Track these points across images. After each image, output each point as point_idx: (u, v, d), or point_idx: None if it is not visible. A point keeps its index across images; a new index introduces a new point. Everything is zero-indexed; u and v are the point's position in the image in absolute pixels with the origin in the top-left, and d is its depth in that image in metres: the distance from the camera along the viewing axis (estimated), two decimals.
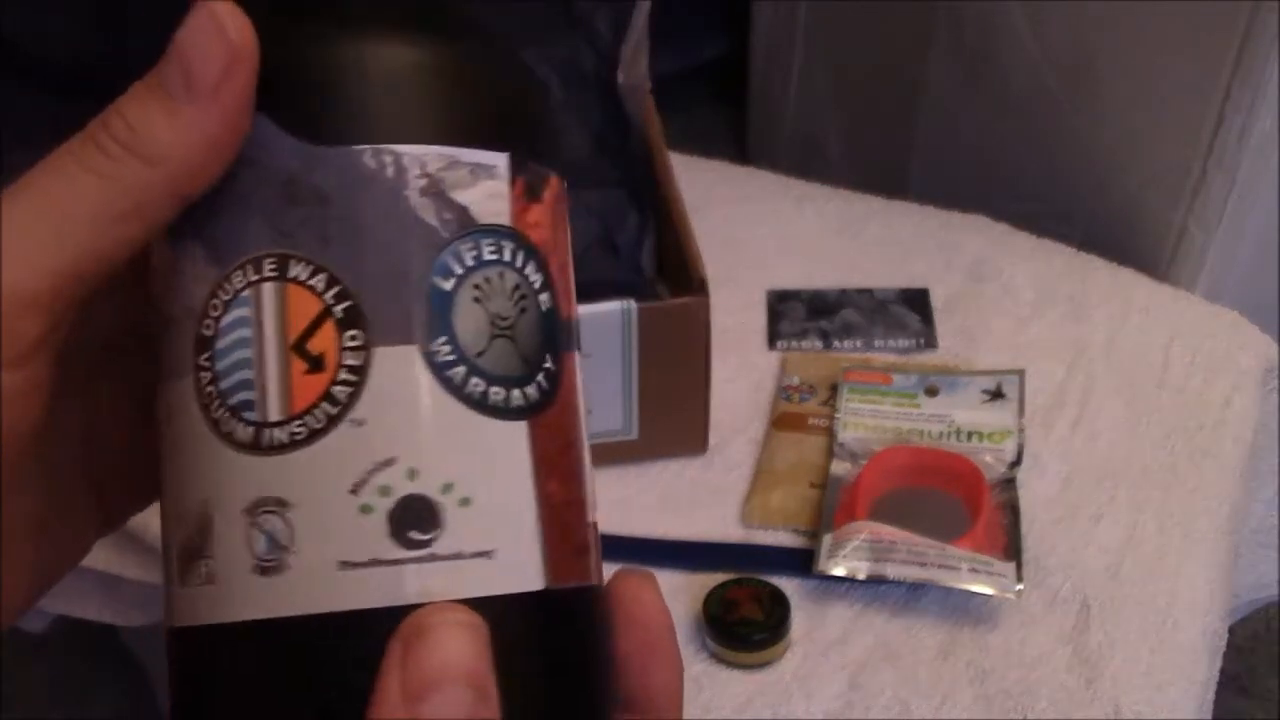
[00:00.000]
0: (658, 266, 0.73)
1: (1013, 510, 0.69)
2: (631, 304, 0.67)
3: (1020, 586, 0.64)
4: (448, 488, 0.24)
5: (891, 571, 0.64)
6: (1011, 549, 0.66)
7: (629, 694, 0.27)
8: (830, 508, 0.70)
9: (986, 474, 0.70)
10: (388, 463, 0.23)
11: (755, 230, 0.93)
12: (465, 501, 0.24)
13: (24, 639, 1.07)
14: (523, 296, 0.25)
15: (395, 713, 0.22)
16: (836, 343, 0.83)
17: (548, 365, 0.25)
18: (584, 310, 0.66)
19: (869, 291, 0.87)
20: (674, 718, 0.28)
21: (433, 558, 0.23)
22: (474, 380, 0.24)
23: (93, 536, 0.30)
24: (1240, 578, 0.81)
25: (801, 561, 0.68)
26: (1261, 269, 1.11)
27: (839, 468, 0.73)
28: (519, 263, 0.25)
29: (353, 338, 0.24)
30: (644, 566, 0.74)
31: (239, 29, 0.24)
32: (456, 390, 0.24)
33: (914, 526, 0.66)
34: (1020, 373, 0.78)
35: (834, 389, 0.79)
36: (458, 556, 0.24)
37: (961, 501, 0.69)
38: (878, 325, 0.84)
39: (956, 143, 1.28)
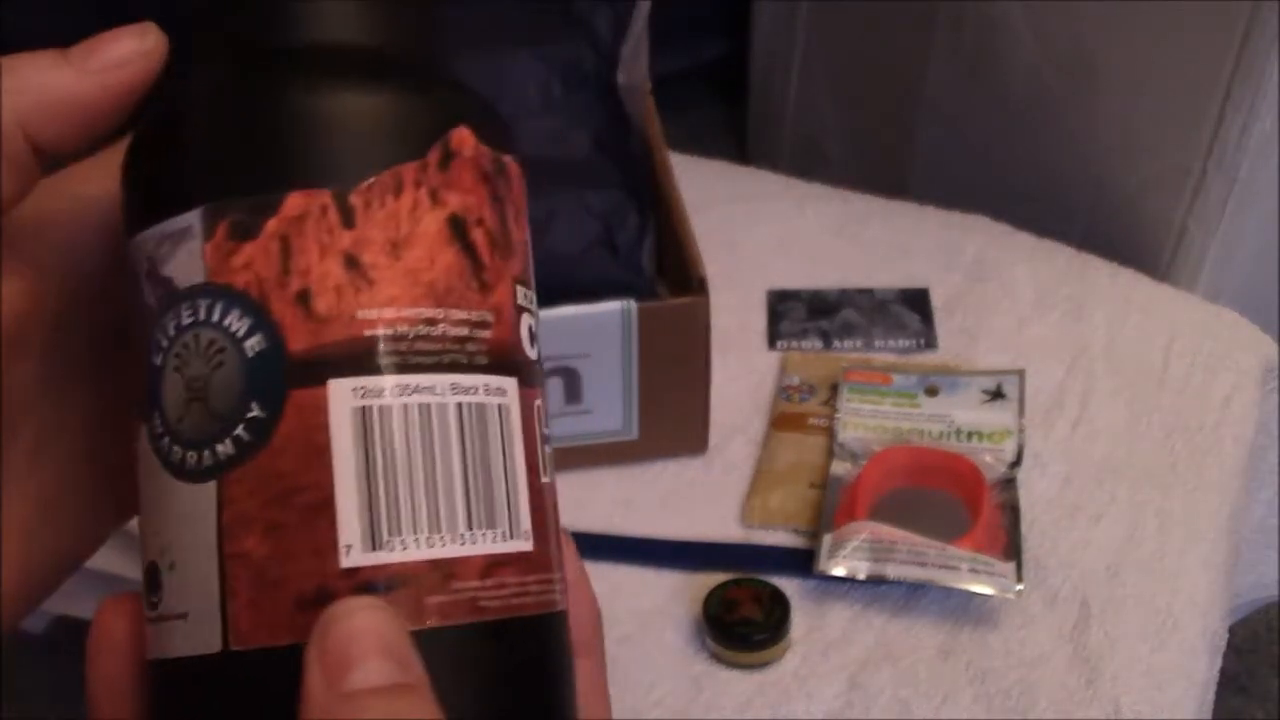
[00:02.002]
0: (658, 266, 0.73)
1: (1013, 510, 0.69)
2: (631, 304, 0.67)
3: (1020, 586, 0.64)
4: (164, 552, 0.25)
5: (891, 571, 0.64)
6: (1011, 549, 0.66)
7: None
8: (830, 508, 0.70)
9: (986, 474, 0.70)
10: (143, 534, 0.26)
11: (755, 230, 0.93)
12: (172, 566, 0.25)
13: (24, 639, 1.06)
14: (219, 351, 0.25)
15: (321, 700, 0.22)
16: (836, 343, 0.83)
17: (253, 414, 0.24)
18: (584, 310, 0.66)
19: (869, 291, 0.87)
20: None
21: (159, 619, 0.25)
22: (174, 448, 0.25)
23: (109, 523, 0.30)
24: (1240, 578, 0.81)
25: (801, 561, 0.68)
26: (1261, 269, 1.11)
27: (839, 468, 0.73)
28: (216, 317, 0.25)
29: (135, 424, 0.27)
30: (644, 567, 0.74)
31: (156, 40, 0.26)
32: (164, 460, 0.25)
33: (914, 526, 0.66)
34: (1020, 373, 0.78)
35: (834, 389, 0.79)
36: (165, 618, 0.25)
37: (961, 501, 0.69)
38: (878, 325, 0.84)
39: (956, 143, 1.28)
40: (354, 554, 0.24)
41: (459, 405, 0.25)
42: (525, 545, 0.26)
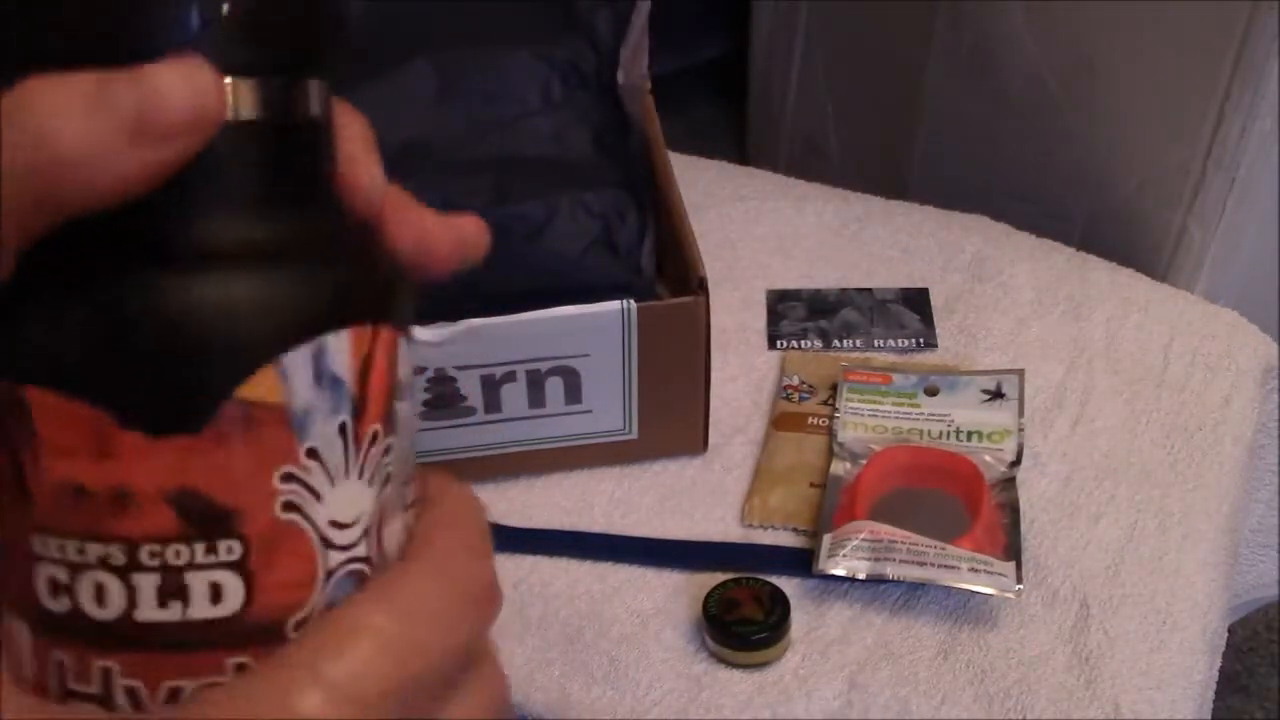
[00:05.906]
0: (658, 266, 0.73)
1: (1013, 510, 0.69)
2: (631, 304, 0.67)
3: (1020, 586, 0.64)
4: None
5: (891, 571, 0.64)
6: (1011, 549, 0.67)
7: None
8: (830, 507, 0.70)
9: (986, 474, 0.70)
10: None
11: (755, 230, 0.93)
12: None
13: None
14: None
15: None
16: (836, 342, 0.83)
17: None
18: (583, 310, 0.66)
19: (869, 291, 0.87)
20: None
21: None
22: None
23: None
24: (1240, 578, 0.81)
25: (801, 561, 0.68)
26: (1261, 269, 1.11)
27: (839, 467, 0.73)
28: None
29: None
30: (644, 567, 0.74)
31: (213, 96, 0.22)
32: None
33: (914, 526, 0.66)
34: (1020, 372, 0.78)
35: (834, 389, 0.79)
36: None
37: (961, 501, 0.69)
38: (878, 325, 0.84)
39: (956, 143, 1.28)
40: None
41: None
42: None
